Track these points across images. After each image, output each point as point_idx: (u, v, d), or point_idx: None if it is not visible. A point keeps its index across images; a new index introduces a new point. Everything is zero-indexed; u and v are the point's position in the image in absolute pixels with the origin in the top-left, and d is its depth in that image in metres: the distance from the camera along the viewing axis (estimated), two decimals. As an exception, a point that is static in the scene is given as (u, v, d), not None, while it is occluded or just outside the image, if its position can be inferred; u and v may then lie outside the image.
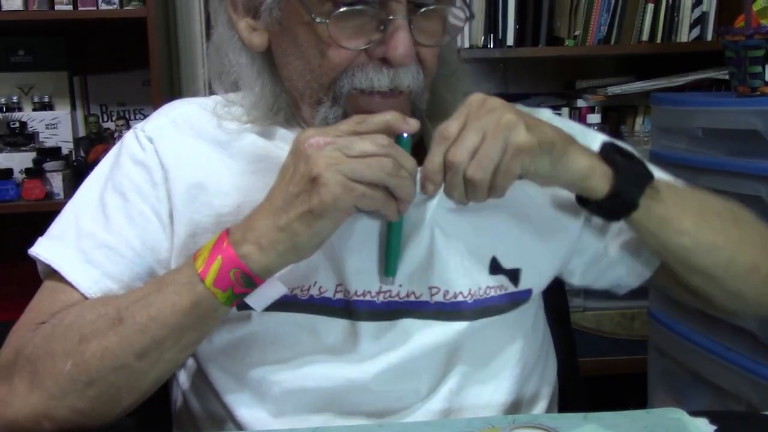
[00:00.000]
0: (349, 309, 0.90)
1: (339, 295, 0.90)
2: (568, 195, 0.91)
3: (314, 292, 0.90)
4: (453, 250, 0.92)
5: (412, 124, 0.81)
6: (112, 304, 0.85)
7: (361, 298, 0.90)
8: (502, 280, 0.94)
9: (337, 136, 0.79)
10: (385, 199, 0.79)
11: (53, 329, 0.85)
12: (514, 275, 0.94)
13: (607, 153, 0.87)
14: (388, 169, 0.77)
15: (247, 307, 0.86)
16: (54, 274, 0.91)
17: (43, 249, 0.92)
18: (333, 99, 0.87)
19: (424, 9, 0.84)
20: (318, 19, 0.84)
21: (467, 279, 0.92)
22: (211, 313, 0.82)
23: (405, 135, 0.81)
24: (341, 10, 0.83)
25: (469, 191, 0.80)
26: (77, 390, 0.82)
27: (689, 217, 0.91)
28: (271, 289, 0.84)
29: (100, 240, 0.91)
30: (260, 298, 0.84)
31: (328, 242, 0.83)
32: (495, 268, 0.93)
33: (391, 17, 0.83)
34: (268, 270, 0.81)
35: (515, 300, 0.95)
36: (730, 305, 1.00)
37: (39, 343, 0.85)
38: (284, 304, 0.88)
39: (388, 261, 0.88)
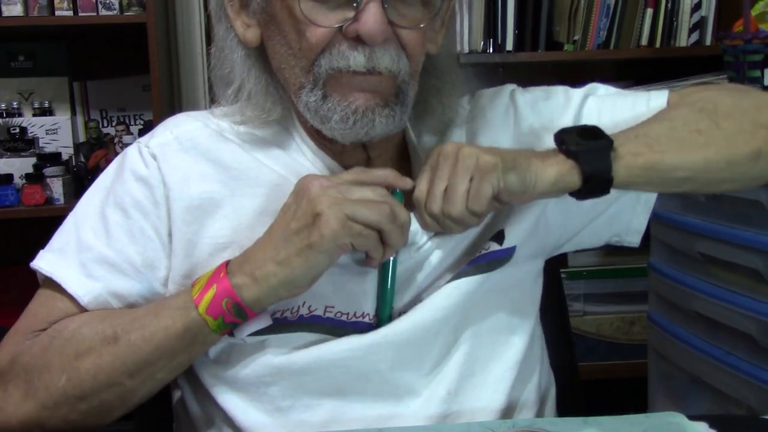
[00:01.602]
0: (339, 327, 0.92)
1: (329, 315, 0.92)
2: None
3: (303, 311, 0.91)
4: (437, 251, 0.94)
5: (408, 183, 0.87)
6: (109, 322, 0.87)
7: (354, 319, 0.92)
8: (487, 244, 0.95)
9: (339, 183, 0.84)
10: (376, 241, 0.83)
11: (51, 341, 0.88)
12: (498, 236, 0.95)
13: (563, 144, 0.88)
14: (386, 214, 0.82)
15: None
16: (52, 283, 0.92)
17: (44, 262, 0.93)
18: (313, 81, 0.88)
19: None
20: None
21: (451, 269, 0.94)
22: (202, 339, 0.86)
23: (398, 190, 0.87)
24: None
25: (456, 224, 0.85)
26: (70, 404, 0.86)
27: (670, 151, 0.89)
28: (255, 320, 0.87)
29: (101, 255, 0.92)
30: (244, 326, 0.87)
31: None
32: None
33: None
34: (259, 302, 0.84)
35: (496, 258, 0.95)
36: (751, 187, 0.99)
37: (36, 354, 0.88)
38: (274, 327, 0.89)
39: (382, 306, 0.91)
